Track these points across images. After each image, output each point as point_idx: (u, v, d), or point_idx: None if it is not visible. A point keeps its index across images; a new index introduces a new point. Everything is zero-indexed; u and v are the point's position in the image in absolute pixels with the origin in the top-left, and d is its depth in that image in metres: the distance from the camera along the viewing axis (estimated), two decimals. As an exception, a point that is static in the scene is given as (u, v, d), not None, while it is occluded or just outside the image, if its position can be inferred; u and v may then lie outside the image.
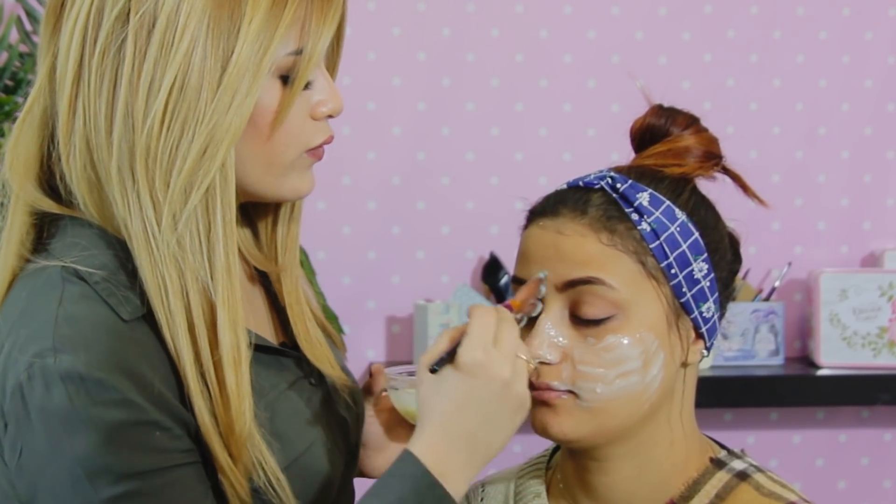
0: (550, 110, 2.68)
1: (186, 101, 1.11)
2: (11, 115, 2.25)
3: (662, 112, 1.28)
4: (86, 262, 1.14)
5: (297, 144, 1.19)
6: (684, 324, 1.23)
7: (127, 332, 1.11)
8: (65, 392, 1.07)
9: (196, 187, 1.12)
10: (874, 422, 2.80)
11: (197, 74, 1.11)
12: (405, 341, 2.65)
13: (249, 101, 1.12)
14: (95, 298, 1.12)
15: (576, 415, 1.21)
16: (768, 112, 2.74)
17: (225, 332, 1.13)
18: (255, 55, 1.12)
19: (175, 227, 1.12)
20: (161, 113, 1.11)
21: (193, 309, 1.13)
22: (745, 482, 1.25)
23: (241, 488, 1.15)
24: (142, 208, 1.12)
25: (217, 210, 1.13)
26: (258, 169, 1.18)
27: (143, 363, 1.11)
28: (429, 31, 2.65)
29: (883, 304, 2.61)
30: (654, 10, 2.70)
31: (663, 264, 1.21)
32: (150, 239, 1.12)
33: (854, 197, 2.77)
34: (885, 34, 2.76)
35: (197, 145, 1.11)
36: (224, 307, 1.14)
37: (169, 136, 1.11)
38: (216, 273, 1.13)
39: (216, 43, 1.11)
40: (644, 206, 1.21)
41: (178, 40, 1.10)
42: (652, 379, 1.21)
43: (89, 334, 1.10)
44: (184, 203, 1.12)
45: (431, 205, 2.66)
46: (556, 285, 1.21)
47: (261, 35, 1.12)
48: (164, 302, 1.12)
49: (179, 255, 1.12)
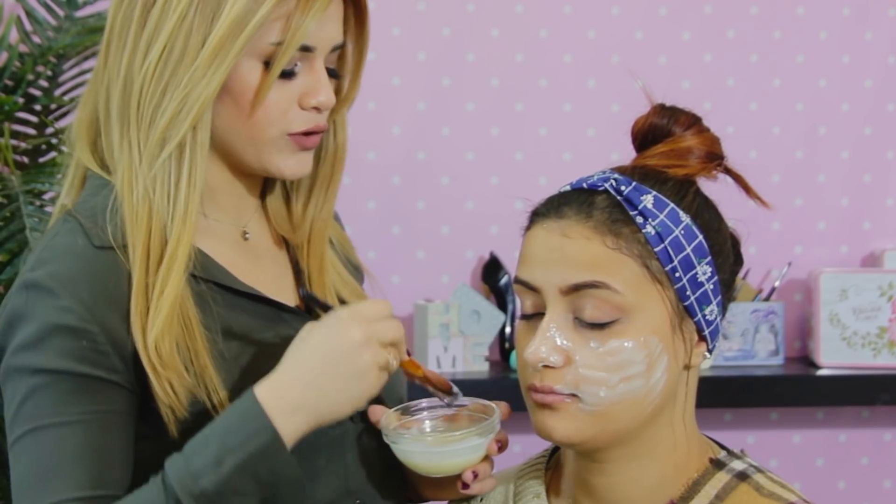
0: (550, 110, 2.68)
1: (170, 67, 1.31)
2: (11, 115, 2.25)
3: (664, 111, 1.27)
4: (82, 205, 1.36)
5: (277, 125, 1.34)
6: (688, 327, 1.23)
7: (92, 255, 1.31)
8: (25, 295, 1.30)
9: (169, 140, 1.31)
10: (874, 422, 2.80)
11: (181, 45, 1.30)
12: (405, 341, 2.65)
13: (219, 76, 1.29)
14: (79, 230, 1.33)
15: (579, 418, 1.21)
16: (768, 112, 2.74)
17: (164, 262, 1.31)
18: (229, 38, 1.29)
19: (151, 168, 1.32)
20: (151, 73, 1.31)
21: (152, 240, 1.31)
22: (744, 482, 1.25)
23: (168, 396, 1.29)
24: (130, 149, 1.33)
25: (185, 164, 1.32)
26: (242, 141, 1.35)
27: (95, 282, 1.29)
28: (429, 31, 2.65)
29: (883, 304, 2.61)
30: (654, 10, 2.70)
31: (668, 268, 1.21)
32: (133, 174, 1.32)
33: (854, 197, 2.77)
34: (885, 34, 2.76)
35: (173, 105, 1.30)
36: (171, 245, 1.31)
37: (154, 94, 1.31)
38: (175, 218, 1.31)
39: (201, 21, 1.30)
40: (648, 209, 1.21)
41: (171, 15, 1.30)
42: (655, 382, 1.21)
43: (60, 255, 1.31)
44: (159, 151, 1.32)
45: (431, 205, 2.66)
46: (561, 289, 1.21)
47: (237, 21, 1.29)
48: (133, 230, 1.31)
49: (151, 195, 1.32)
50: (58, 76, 2.34)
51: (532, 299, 1.24)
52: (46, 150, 2.31)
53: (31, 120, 2.32)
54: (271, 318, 1.38)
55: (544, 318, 1.22)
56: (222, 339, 1.33)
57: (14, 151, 2.26)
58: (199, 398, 1.30)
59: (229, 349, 1.33)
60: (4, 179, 2.18)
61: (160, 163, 1.32)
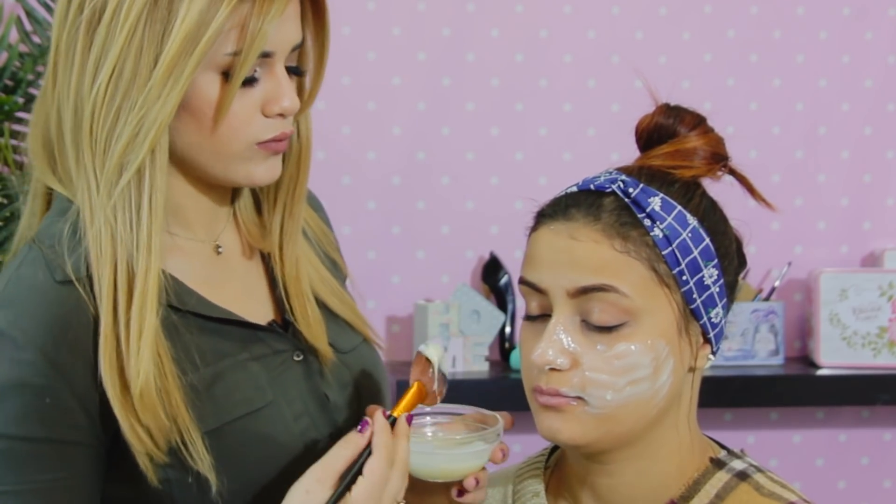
0: (550, 110, 2.68)
1: (122, 88, 1.23)
2: (11, 115, 2.25)
3: (670, 111, 1.27)
4: (45, 231, 1.29)
5: (243, 137, 1.28)
6: (693, 329, 1.23)
7: (55, 295, 1.24)
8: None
9: (126, 167, 1.24)
10: (874, 422, 2.80)
11: (132, 65, 1.22)
12: (405, 341, 2.65)
13: (175, 94, 1.22)
14: (41, 262, 1.26)
15: (585, 421, 1.21)
16: (768, 112, 2.74)
17: (136, 299, 1.24)
18: (183, 54, 1.22)
19: (110, 197, 1.24)
20: (101, 96, 1.23)
21: (119, 274, 1.24)
22: (744, 482, 1.25)
23: (143, 444, 1.23)
24: (87, 178, 1.25)
25: (145, 190, 1.25)
26: (206, 156, 1.28)
27: (59, 328, 1.23)
28: (429, 31, 2.65)
29: (883, 303, 2.61)
30: (654, 10, 2.70)
31: (675, 271, 1.20)
32: (92, 204, 1.25)
33: (854, 197, 2.77)
34: (885, 34, 2.76)
35: (128, 129, 1.23)
36: (140, 278, 1.24)
37: (107, 119, 1.24)
38: (140, 247, 1.24)
39: (151, 38, 1.22)
40: (656, 212, 1.21)
41: (118, 32, 1.22)
42: (661, 385, 1.21)
43: (23, 294, 1.25)
44: (117, 178, 1.24)
45: (431, 205, 2.66)
46: (568, 291, 1.20)
47: (189, 36, 1.21)
48: (98, 263, 1.24)
49: (112, 224, 1.25)
50: (58, 76, 2.34)
51: (538, 301, 1.23)
52: (46, 150, 2.31)
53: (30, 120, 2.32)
54: (245, 339, 1.34)
55: (551, 320, 1.21)
56: (192, 370, 1.28)
57: (14, 151, 2.25)
58: (173, 441, 1.24)
59: (201, 379, 1.28)
60: (4, 179, 2.18)
61: (119, 190, 1.24)
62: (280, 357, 1.36)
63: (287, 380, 1.35)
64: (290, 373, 1.36)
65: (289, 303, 1.38)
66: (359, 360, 1.43)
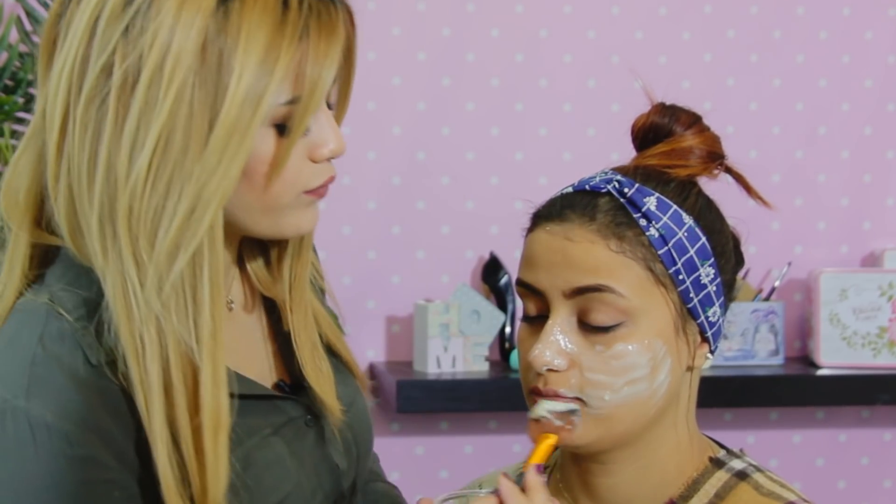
0: (550, 110, 2.68)
1: (171, 160, 1.06)
2: (11, 115, 2.25)
3: (665, 110, 1.27)
4: (68, 299, 1.11)
5: (294, 188, 1.14)
6: (691, 329, 1.23)
7: (95, 379, 1.08)
8: (31, 440, 1.05)
9: (183, 249, 1.07)
10: (874, 422, 2.80)
11: (182, 132, 1.06)
12: (405, 341, 2.65)
13: (239, 160, 1.07)
14: (72, 339, 1.09)
15: (583, 421, 1.21)
16: (768, 112, 2.74)
17: (208, 396, 1.09)
18: (244, 113, 1.07)
19: (160, 289, 1.06)
20: (145, 171, 1.06)
21: (173, 371, 1.08)
22: (744, 482, 1.25)
23: None
24: (123, 266, 1.07)
25: (204, 272, 1.08)
26: (255, 215, 1.14)
27: (108, 416, 1.08)
28: (429, 31, 2.65)
29: (883, 303, 2.61)
30: (654, 10, 2.70)
31: (671, 270, 1.20)
32: (131, 297, 1.07)
33: (854, 197, 2.77)
34: (885, 34, 2.76)
35: (183, 206, 1.06)
36: (208, 371, 1.08)
37: (153, 196, 1.06)
38: (202, 336, 1.08)
39: (203, 100, 1.06)
40: (652, 212, 1.21)
41: (162, 97, 1.05)
42: (659, 385, 1.21)
43: (61, 380, 1.07)
44: (170, 266, 1.07)
45: (431, 205, 2.66)
46: (565, 292, 1.20)
47: (250, 92, 1.07)
48: (141, 361, 1.07)
49: (163, 316, 1.07)
50: (58, 76, 2.34)
51: (535, 302, 1.23)
52: (46, 150, 2.31)
53: (30, 120, 2.32)
54: (266, 410, 1.21)
55: (548, 321, 1.21)
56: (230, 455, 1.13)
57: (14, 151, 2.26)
58: None
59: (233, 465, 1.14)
60: (4, 179, 2.18)
61: (173, 278, 1.07)
62: (294, 425, 1.25)
63: (303, 451, 1.25)
64: (304, 442, 1.25)
65: (300, 358, 1.25)
66: (357, 417, 1.33)
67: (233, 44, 1.06)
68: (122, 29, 1.07)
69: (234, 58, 1.06)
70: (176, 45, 1.05)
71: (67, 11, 1.11)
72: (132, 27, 1.06)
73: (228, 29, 1.07)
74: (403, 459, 2.62)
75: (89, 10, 1.08)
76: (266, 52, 1.07)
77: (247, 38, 1.07)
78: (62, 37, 1.11)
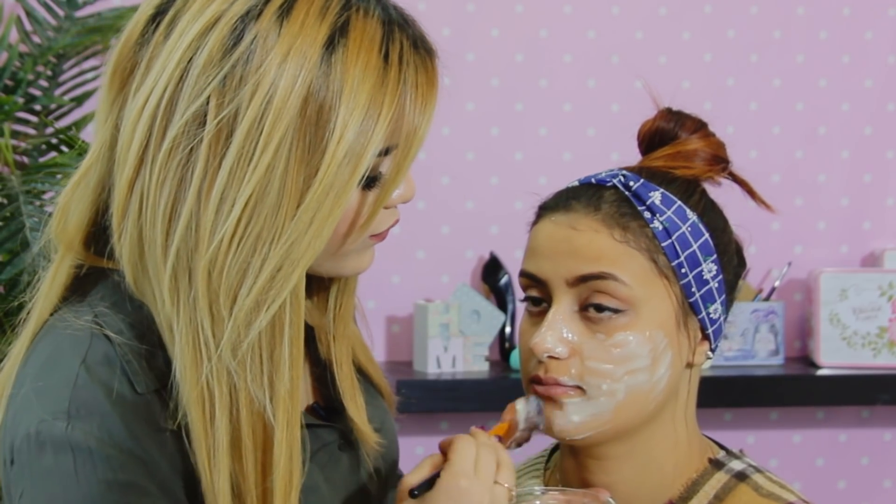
0: (550, 110, 2.68)
1: (262, 218, 1.01)
2: (11, 115, 2.25)
3: (671, 116, 1.29)
4: (114, 322, 1.07)
5: (365, 235, 1.11)
6: (692, 324, 1.24)
7: (142, 406, 1.04)
8: (72, 463, 1.01)
9: (265, 308, 1.02)
10: (874, 422, 2.80)
11: (276, 191, 1.00)
12: (405, 341, 2.65)
13: (332, 220, 1.03)
14: (116, 363, 1.05)
15: (582, 412, 1.21)
16: (768, 112, 2.74)
17: (282, 458, 1.05)
18: (343, 172, 1.02)
19: (238, 347, 1.02)
20: (233, 227, 1.00)
21: (243, 428, 1.03)
22: (743, 483, 1.25)
23: None
24: (197, 317, 1.02)
25: (285, 331, 1.04)
26: (320, 258, 1.09)
27: (153, 443, 1.04)
28: (429, 31, 2.64)
29: (883, 303, 2.61)
30: (654, 10, 2.70)
31: (674, 263, 1.21)
32: (202, 349, 1.02)
33: (854, 197, 2.77)
34: (885, 34, 2.76)
35: (270, 265, 1.01)
36: (282, 432, 1.04)
37: (239, 253, 1.01)
38: (277, 396, 1.03)
39: (301, 158, 1.01)
40: (656, 205, 1.22)
41: (258, 154, 1.00)
42: (659, 378, 1.21)
43: (104, 404, 1.03)
44: (249, 324, 1.02)
45: (431, 205, 2.66)
46: (568, 280, 1.21)
47: (351, 150, 1.02)
48: (206, 415, 1.03)
49: (237, 373, 1.02)
50: (58, 76, 2.34)
51: (537, 292, 1.24)
52: (46, 150, 2.31)
53: (31, 120, 2.32)
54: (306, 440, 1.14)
55: (550, 309, 1.22)
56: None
57: (14, 151, 2.26)
58: None
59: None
60: (4, 179, 2.18)
61: (251, 337, 1.02)
62: (328, 450, 1.21)
63: (336, 478, 1.22)
64: (337, 468, 1.22)
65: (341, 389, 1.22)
66: (387, 439, 1.31)
67: (334, 98, 1.02)
68: (220, 77, 1.01)
69: (336, 113, 1.02)
70: (278, 100, 1.01)
71: (151, 42, 1.06)
72: (231, 77, 1.01)
73: (330, 84, 1.02)
74: (403, 459, 2.61)
75: (181, 51, 1.03)
76: (368, 108, 1.03)
77: (350, 93, 1.03)
78: (142, 68, 1.06)
